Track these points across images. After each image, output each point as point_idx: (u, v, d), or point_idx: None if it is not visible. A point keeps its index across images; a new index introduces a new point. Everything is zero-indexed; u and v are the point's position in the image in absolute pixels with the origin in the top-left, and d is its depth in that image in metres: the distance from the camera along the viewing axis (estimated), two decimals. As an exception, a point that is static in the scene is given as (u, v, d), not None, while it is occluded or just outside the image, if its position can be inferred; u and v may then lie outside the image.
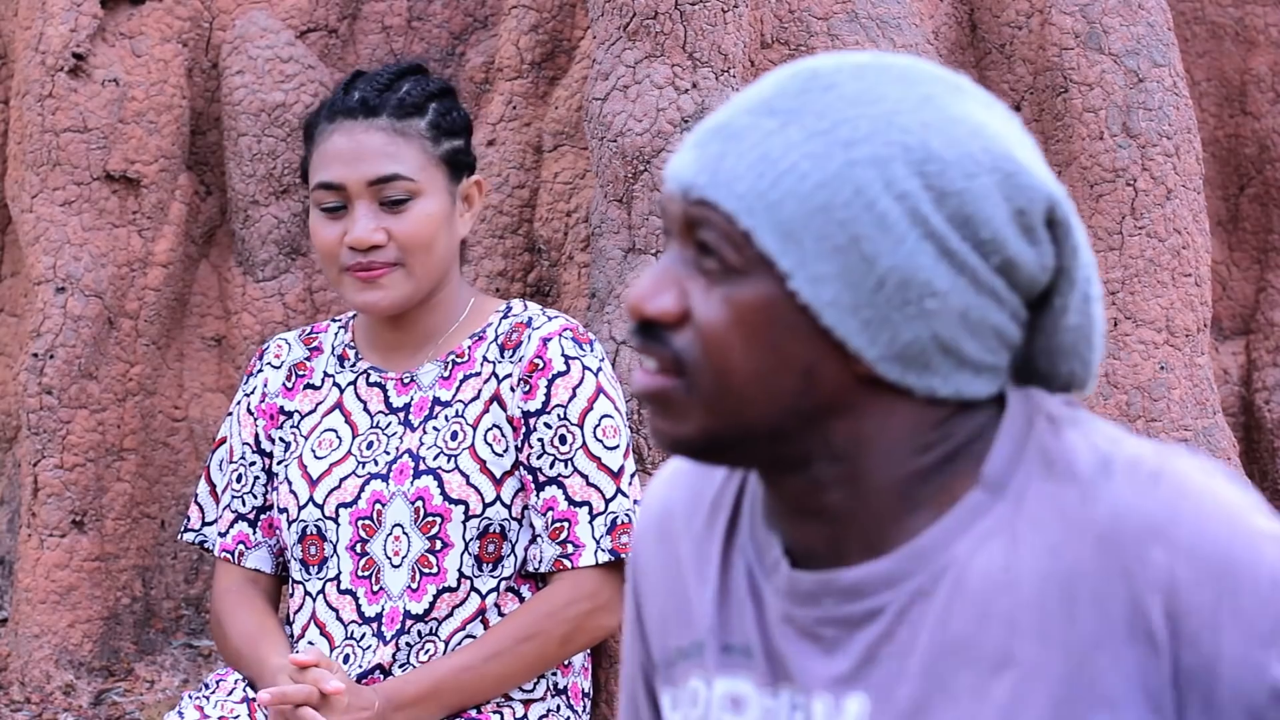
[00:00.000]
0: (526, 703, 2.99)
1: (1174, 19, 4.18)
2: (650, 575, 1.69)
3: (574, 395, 2.94)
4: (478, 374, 2.99)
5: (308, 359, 3.11)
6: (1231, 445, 3.85)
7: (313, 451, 3.03)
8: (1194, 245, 3.82)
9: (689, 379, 1.48)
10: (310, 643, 2.99)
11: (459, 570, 2.95)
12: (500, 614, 2.97)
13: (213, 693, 3.02)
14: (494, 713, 2.96)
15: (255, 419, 3.10)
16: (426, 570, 2.95)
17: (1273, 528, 1.45)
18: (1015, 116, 1.52)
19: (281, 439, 3.08)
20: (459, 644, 2.95)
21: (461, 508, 2.94)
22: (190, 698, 3.02)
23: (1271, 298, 4.35)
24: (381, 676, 2.93)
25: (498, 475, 2.95)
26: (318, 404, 3.07)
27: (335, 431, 3.04)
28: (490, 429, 2.96)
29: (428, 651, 2.95)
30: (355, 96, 2.99)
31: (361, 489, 2.98)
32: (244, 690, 2.99)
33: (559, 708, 3.02)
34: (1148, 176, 3.79)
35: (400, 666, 2.94)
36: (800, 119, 1.46)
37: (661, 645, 1.68)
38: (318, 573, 3.01)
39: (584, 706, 3.08)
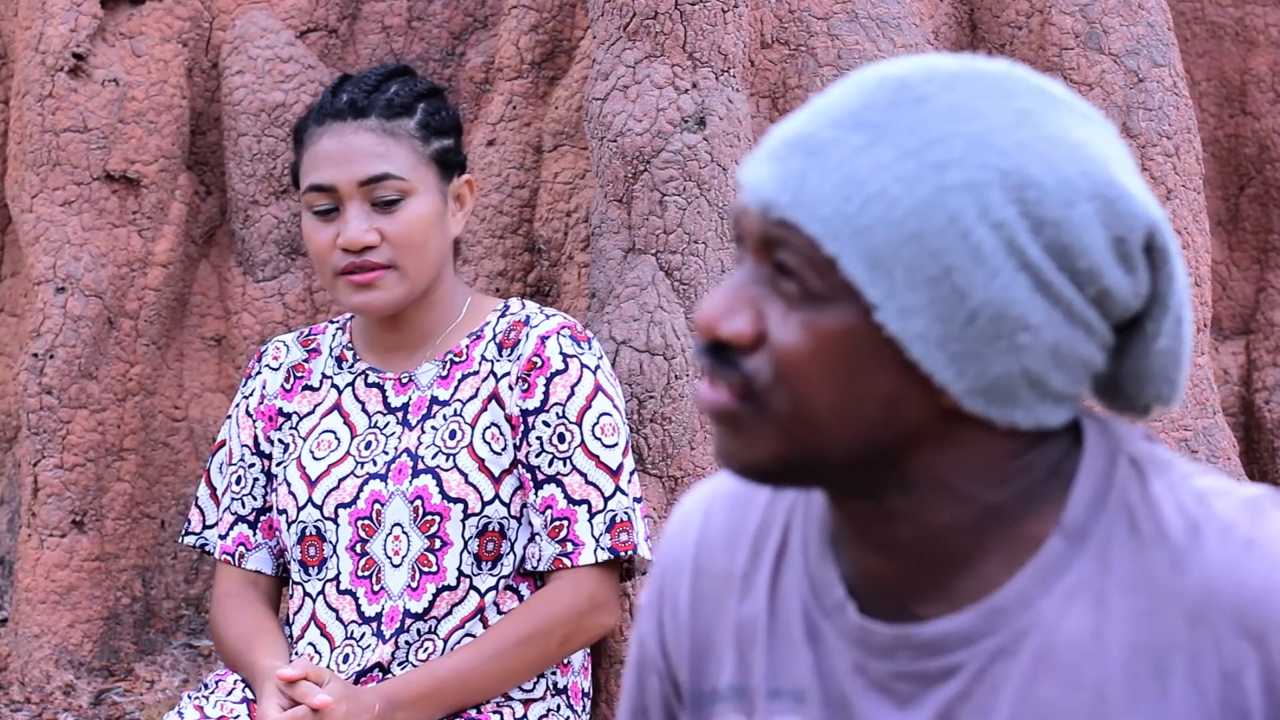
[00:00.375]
0: (526, 702, 2.99)
1: (1174, 19, 4.18)
2: (681, 611, 1.62)
3: (572, 393, 2.95)
4: (476, 373, 3.00)
5: (306, 361, 3.11)
6: (1231, 445, 3.85)
7: (311, 453, 3.03)
8: (1194, 245, 3.82)
9: (759, 403, 1.41)
10: (310, 643, 2.99)
11: (458, 569, 2.95)
12: (499, 612, 2.97)
13: (212, 693, 3.02)
14: (494, 712, 2.96)
15: (254, 421, 3.10)
16: (426, 569, 2.95)
17: None
18: (1110, 124, 1.45)
19: (280, 440, 3.08)
20: (458, 642, 2.95)
21: (460, 506, 2.94)
22: (190, 698, 3.02)
23: (1271, 298, 4.35)
24: (381, 675, 2.94)
25: (496, 474, 2.96)
26: (316, 405, 3.08)
27: (334, 433, 3.04)
28: (488, 427, 2.97)
29: (426, 650, 2.95)
30: (343, 99, 2.99)
31: (360, 489, 2.98)
32: (243, 691, 2.99)
33: (559, 707, 3.02)
34: (1148, 176, 3.79)
35: (399, 665, 2.95)
36: (889, 136, 1.38)
37: (694, 684, 1.61)
38: (317, 573, 3.01)
39: (584, 706, 3.08)
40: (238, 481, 3.11)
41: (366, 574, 2.97)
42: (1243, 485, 1.46)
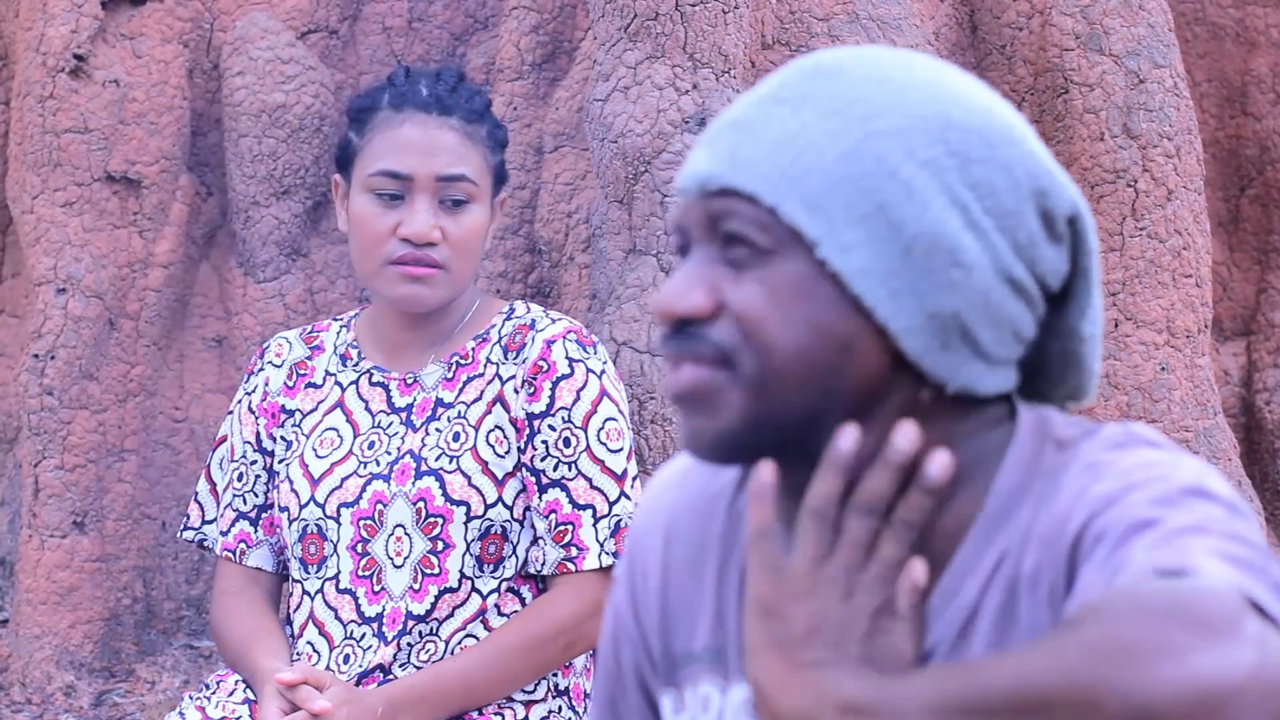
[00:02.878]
0: (528, 704, 2.99)
1: (1175, 20, 4.18)
2: (652, 576, 1.66)
3: (578, 398, 2.94)
4: (481, 375, 3.00)
5: (309, 358, 3.11)
6: (1232, 446, 3.85)
7: (314, 450, 3.03)
8: (1195, 246, 3.82)
9: (731, 366, 1.46)
10: (309, 642, 2.99)
11: (460, 571, 2.95)
12: (500, 614, 2.97)
13: (213, 693, 3.01)
14: (495, 714, 2.96)
15: (256, 417, 3.10)
16: (428, 571, 2.95)
17: (1198, 479, 1.40)
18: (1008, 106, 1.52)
19: (283, 438, 3.08)
20: (459, 644, 2.95)
21: (463, 509, 2.94)
22: (191, 698, 3.02)
23: (1272, 299, 4.35)
24: (382, 676, 2.94)
25: (499, 476, 2.95)
26: (319, 403, 3.07)
27: (336, 430, 3.04)
28: (493, 430, 2.97)
29: (428, 651, 2.95)
30: (423, 91, 2.99)
31: (363, 489, 2.98)
32: (245, 691, 2.99)
33: (560, 709, 3.02)
34: (1148, 177, 3.79)
35: (401, 666, 2.95)
36: (812, 103, 1.46)
37: (664, 647, 1.65)
38: (316, 572, 3.01)
39: (585, 708, 3.08)
40: (239, 478, 3.11)
41: (367, 574, 2.97)
42: (1162, 443, 1.47)
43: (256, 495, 3.10)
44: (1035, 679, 1.27)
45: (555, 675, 3.02)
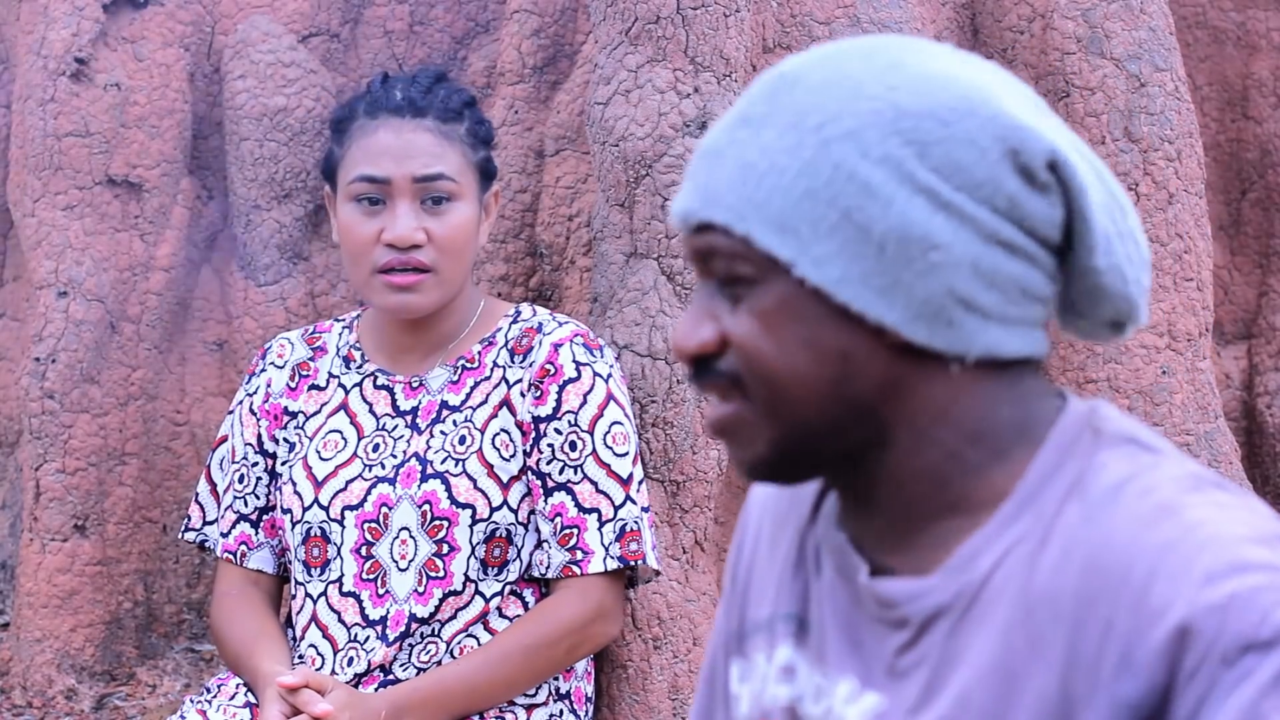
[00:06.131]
0: (530, 708, 2.99)
1: (1175, 23, 4.18)
2: (746, 547, 1.71)
3: (585, 402, 2.95)
4: (487, 379, 3.00)
5: (311, 359, 3.11)
6: (1233, 450, 3.85)
7: (318, 453, 3.03)
8: (1196, 250, 3.82)
9: (746, 393, 1.50)
10: (313, 645, 2.99)
11: (464, 574, 2.95)
12: (502, 616, 2.98)
13: (214, 697, 3.02)
14: (497, 718, 2.96)
15: (258, 419, 3.10)
16: (433, 574, 2.95)
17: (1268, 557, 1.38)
18: (1006, 73, 1.52)
19: (285, 439, 3.08)
20: (460, 644, 2.96)
21: (469, 512, 2.94)
22: (192, 702, 3.02)
23: (1273, 302, 4.35)
24: (382, 675, 2.94)
25: (505, 480, 2.96)
26: (322, 405, 3.07)
27: (340, 433, 3.04)
28: (499, 433, 2.97)
29: (429, 652, 2.95)
30: (397, 95, 2.99)
31: (368, 492, 2.98)
32: (246, 695, 2.99)
33: (562, 713, 3.02)
34: (1149, 181, 3.79)
35: (401, 666, 2.95)
36: (771, 121, 1.48)
37: (740, 617, 1.70)
38: (320, 575, 3.01)
39: (586, 711, 3.08)
40: (240, 480, 3.10)
41: (371, 577, 2.97)
42: (1226, 483, 1.47)
43: (258, 497, 3.10)
44: None
45: (557, 679, 3.02)
